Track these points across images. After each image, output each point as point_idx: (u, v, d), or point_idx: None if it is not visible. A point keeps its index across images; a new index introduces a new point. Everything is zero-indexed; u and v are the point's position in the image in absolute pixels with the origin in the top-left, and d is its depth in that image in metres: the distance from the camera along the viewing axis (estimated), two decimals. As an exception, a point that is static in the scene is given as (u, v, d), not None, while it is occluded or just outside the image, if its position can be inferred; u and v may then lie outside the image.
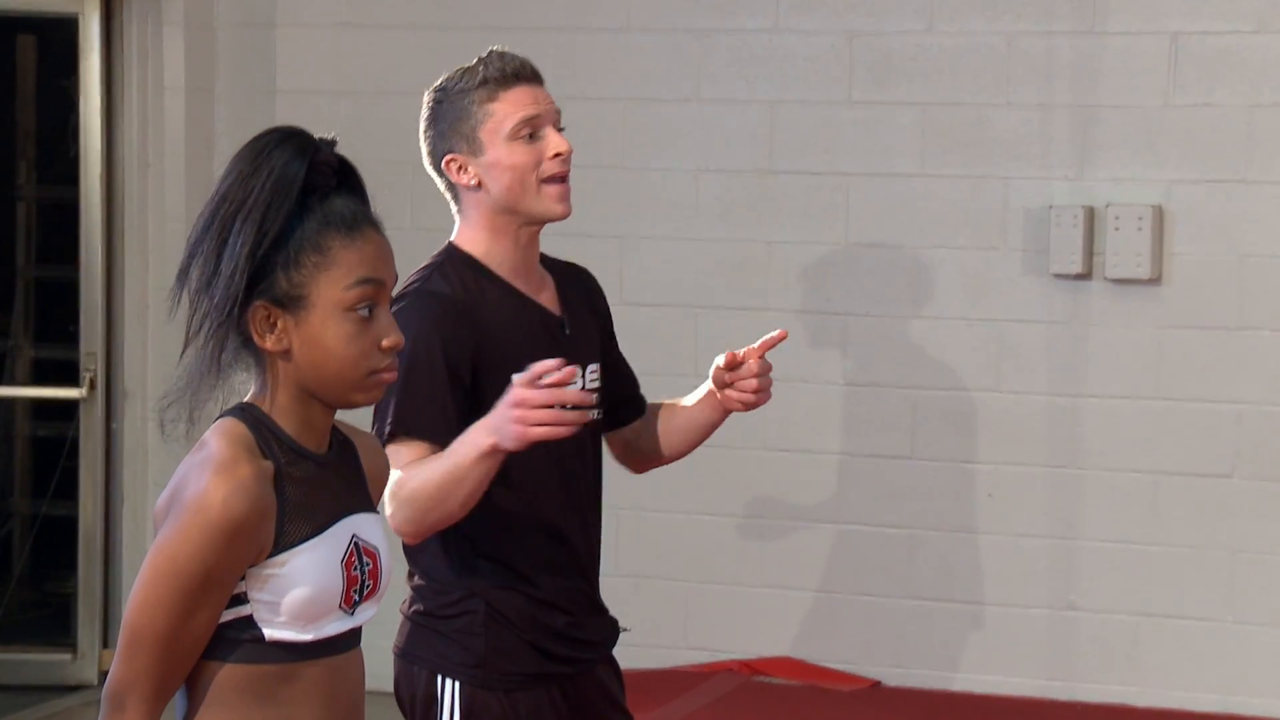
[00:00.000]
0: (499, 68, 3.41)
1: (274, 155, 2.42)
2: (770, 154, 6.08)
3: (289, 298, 2.43)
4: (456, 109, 3.39)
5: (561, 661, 3.47)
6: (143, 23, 6.35)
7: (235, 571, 2.38)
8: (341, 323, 2.44)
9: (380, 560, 2.52)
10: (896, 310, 5.99)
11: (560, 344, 3.45)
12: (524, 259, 3.47)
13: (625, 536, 6.17)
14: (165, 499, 2.41)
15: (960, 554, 5.97)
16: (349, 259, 2.44)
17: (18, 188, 7.78)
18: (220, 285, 2.40)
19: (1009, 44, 5.89)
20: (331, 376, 2.45)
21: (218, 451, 2.38)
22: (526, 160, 3.40)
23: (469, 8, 6.30)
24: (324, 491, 2.47)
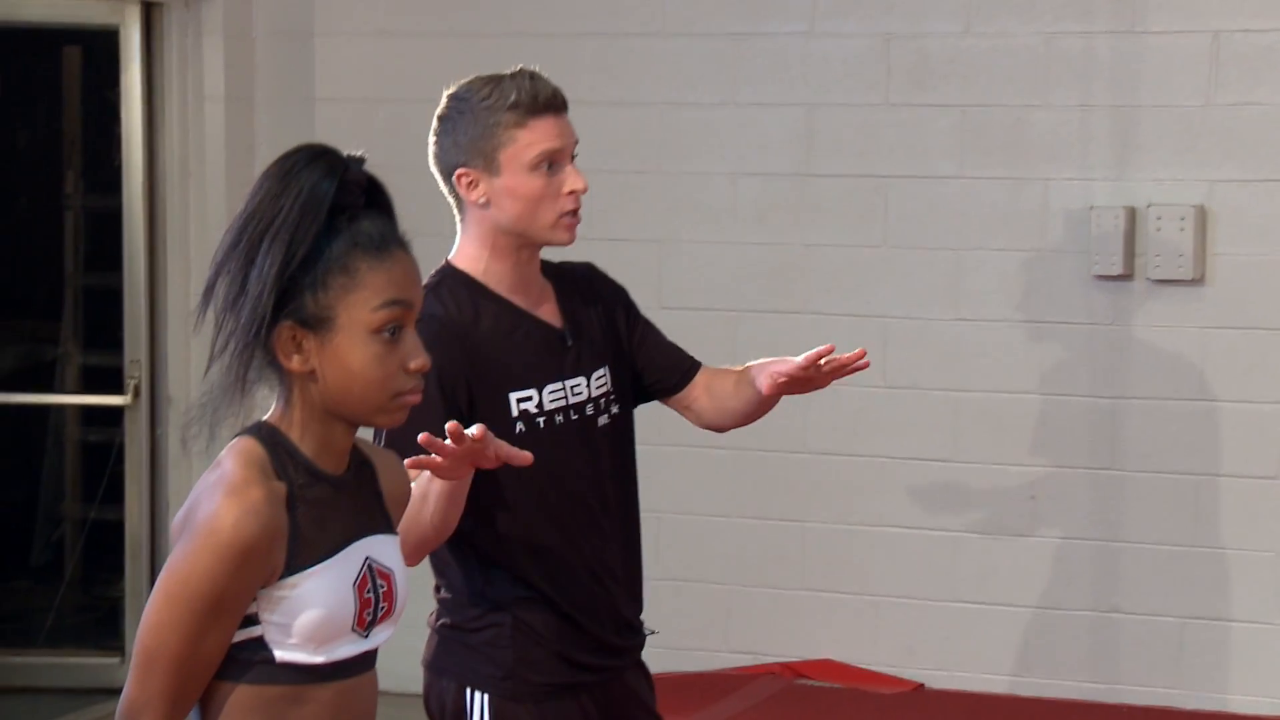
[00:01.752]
0: (531, 93, 3.36)
1: (303, 174, 2.41)
2: (808, 157, 6.07)
3: (316, 319, 2.42)
4: (479, 124, 3.36)
5: (590, 670, 3.47)
6: (182, 33, 6.38)
7: (247, 593, 2.38)
8: (368, 345, 2.43)
9: (395, 582, 2.51)
10: (936, 313, 5.98)
11: (562, 357, 3.45)
12: (524, 275, 3.45)
13: (667, 540, 6.18)
14: (181, 517, 2.42)
15: (1003, 556, 5.95)
16: (376, 281, 2.43)
17: (66, 197, 7.84)
18: (247, 305, 2.40)
19: (1047, 45, 5.87)
20: (356, 398, 2.45)
21: (231, 473, 2.39)
22: (543, 193, 3.37)
23: (505, 14, 6.31)
24: (338, 513, 2.47)
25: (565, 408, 3.44)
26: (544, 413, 3.41)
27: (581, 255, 6.25)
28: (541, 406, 3.41)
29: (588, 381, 3.48)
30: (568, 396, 3.45)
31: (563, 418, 3.43)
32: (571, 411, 3.45)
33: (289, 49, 6.51)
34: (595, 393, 3.49)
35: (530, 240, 3.41)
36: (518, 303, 3.44)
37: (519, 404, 3.39)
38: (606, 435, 3.51)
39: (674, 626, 6.22)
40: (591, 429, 3.49)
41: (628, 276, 6.14)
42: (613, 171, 6.19)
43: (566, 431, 3.43)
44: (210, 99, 6.38)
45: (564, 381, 3.45)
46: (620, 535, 3.56)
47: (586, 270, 3.67)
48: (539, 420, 3.40)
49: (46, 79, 7.97)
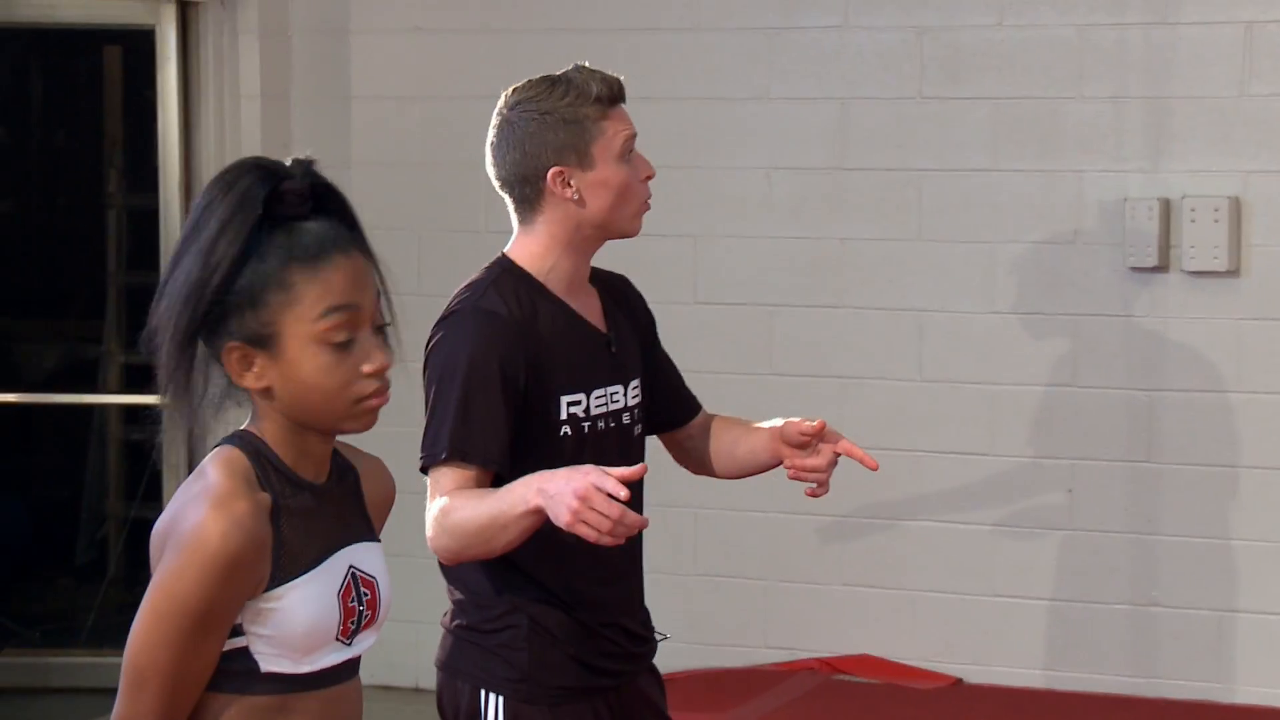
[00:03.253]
0: (607, 85, 3.43)
1: (238, 183, 2.38)
2: (842, 151, 6.06)
3: (261, 336, 2.39)
4: (570, 122, 3.37)
5: (604, 674, 3.47)
6: (218, 32, 6.41)
7: (235, 606, 2.37)
8: (316, 355, 2.40)
9: (379, 589, 2.51)
10: (971, 306, 5.96)
11: (608, 362, 3.47)
12: (583, 275, 3.49)
13: (704, 537, 6.19)
14: (162, 527, 2.40)
15: (1041, 550, 5.92)
16: (313, 291, 2.39)
17: (108, 195, 7.89)
18: (175, 322, 2.37)
19: (1081, 36, 5.84)
20: (317, 408, 2.42)
21: (216, 484, 2.37)
22: (630, 180, 3.44)
23: (540, 11, 6.32)
24: (321, 523, 2.46)
25: (606, 414, 3.46)
26: (589, 418, 3.42)
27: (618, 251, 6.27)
28: (588, 411, 3.42)
29: (625, 390, 3.50)
30: (608, 403, 3.46)
31: (604, 424, 3.45)
32: (611, 419, 3.47)
33: (324, 47, 6.54)
34: (631, 401, 3.51)
35: (611, 232, 3.46)
36: (571, 304, 3.46)
37: (568, 407, 3.40)
38: (637, 445, 3.53)
39: (711, 623, 6.23)
40: (629, 437, 3.51)
41: (663, 272, 6.19)
42: (646, 167, 6.20)
43: (606, 438, 3.44)
44: (246, 97, 6.42)
45: (607, 388, 3.47)
46: (635, 544, 3.55)
47: (624, 282, 3.69)
48: (584, 425, 3.41)
49: (88, 79, 8.03)
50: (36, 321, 8.01)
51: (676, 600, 6.25)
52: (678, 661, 6.16)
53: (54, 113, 8.28)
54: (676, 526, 6.20)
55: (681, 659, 6.17)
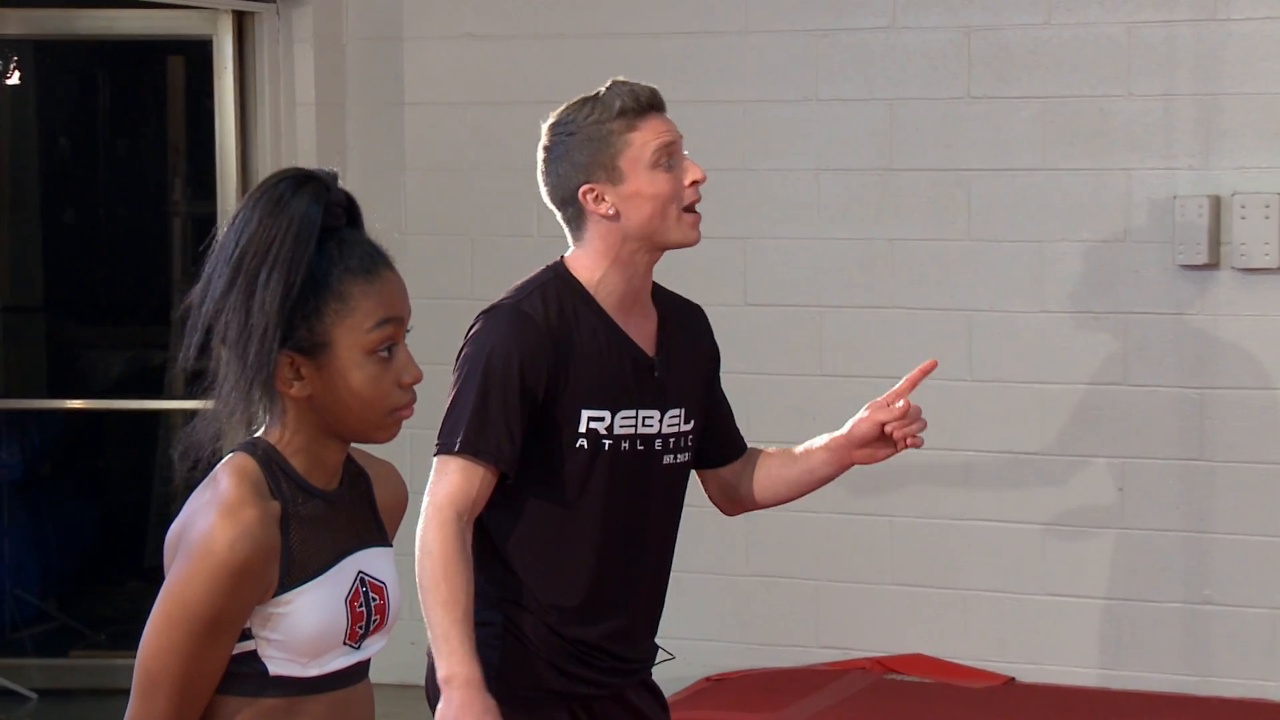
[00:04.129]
0: (633, 97, 3.42)
1: (292, 203, 2.42)
2: (890, 152, 6.07)
3: (311, 345, 2.44)
4: (593, 140, 3.39)
5: (583, 682, 3.45)
6: (274, 40, 6.49)
7: (243, 611, 2.41)
8: (364, 366, 2.45)
9: (388, 595, 2.54)
10: (1021, 305, 5.96)
11: (646, 385, 3.45)
12: (636, 291, 3.46)
13: (756, 537, 6.21)
14: (175, 534, 2.45)
15: (1092, 549, 5.91)
16: (368, 303, 2.45)
17: (172, 203, 7.99)
18: (255, 339, 2.41)
19: (1129, 34, 5.83)
20: (355, 418, 2.47)
21: (226, 492, 2.41)
22: (668, 189, 3.41)
23: (589, 16, 6.36)
24: (330, 529, 2.50)
25: (633, 436, 3.44)
26: (611, 436, 3.41)
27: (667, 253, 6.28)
28: (610, 430, 3.41)
29: (661, 416, 3.47)
30: (638, 426, 3.44)
31: (628, 445, 3.43)
32: (638, 441, 3.44)
33: (378, 54, 6.60)
34: (666, 430, 3.48)
35: (658, 243, 3.43)
36: (618, 320, 3.45)
37: (589, 421, 3.40)
38: (666, 475, 3.50)
39: (763, 623, 6.26)
40: (654, 464, 3.47)
41: (713, 274, 6.21)
42: (696, 170, 6.22)
43: (627, 460, 3.43)
44: (301, 105, 6.49)
45: (638, 410, 3.44)
46: (654, 575, 3.54)
47: (696, 313, 3.66)
48: (604, 442, 3.41)
49: (151, 90, 8.13)
50: (103, 328, 8.13)
51: (729, 601, 6.28)
52: (729, 662, 6.19)
53: (118, 123, 8.40)
54: (729, 527, 6.20)
55: (734, 659, 6.20)
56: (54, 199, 8.19)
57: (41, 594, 7.61)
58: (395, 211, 6.51)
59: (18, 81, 7.84)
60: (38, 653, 7.18)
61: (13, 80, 7.83)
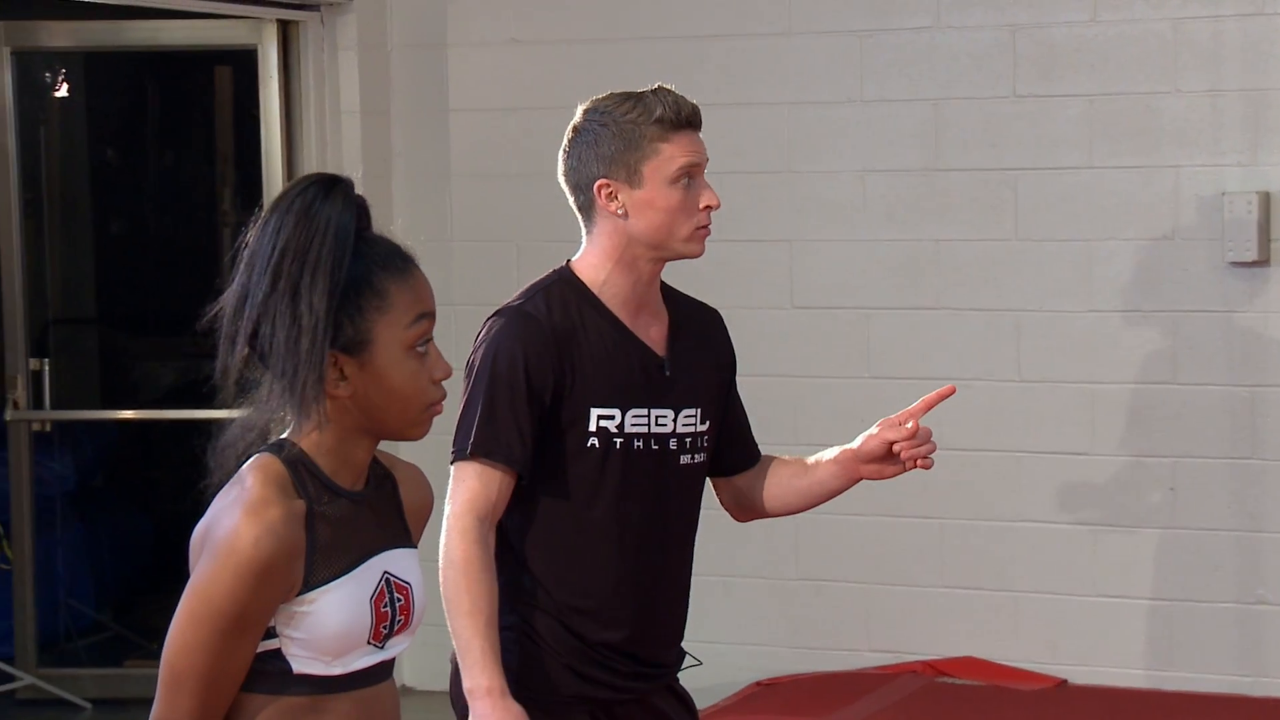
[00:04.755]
0: (675, 108, 3.41)
1: (325, 208, 2.45)
2: (936, 152, 6.04)
3: (354, 343, 2.47)
4: (624, 137, 3.38)
5: (601, 685, 3.43)
6: (319, 49, 6.51)
7: (268, 610, 2.42)
8: (405, 361, 2.48)
9: (413, 595, 2.55)
10: (1069, 304, 5.92)
11: (657, 384, 3.44)
12: (641, 293, 3.46)
13: (805, 541, 6.18)
14: (200, 533, 2.47)
15: (1143, 549, 5.87)
16: (405, 299, 2.49)
17: (221, 213, 8.01)
18: (305, 341, 2.43)
19: (1175, 30, 5.79)
20: (395, 415, 2.50)
21: (250, 491, 2.43)
22: (681, 205, 3.40)
23: (632, 20, 6.35)
24: (356, 529, 2.51)
25: (646, 435, 3.43)
26: (623, 435, 3.40)
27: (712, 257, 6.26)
28: (621, 428, 3.41)
29: (675, 415, 3.46)
30: (650, 425, 3.44)
31: (641, 444, 3.42)
32: (652, 440, 3.44)
33: (422, 61, 6.61)
34: (680, 429, 3.47)
35: (663, 252, 3.43)
36: (625, 320, 3.44)
37: (599, 420, 3.39)
38: (682, 475, 3.49)
39: (813, 627, 6.23)
40: (670, 464, 3.46)
41: (759, 277, 6.20)
42: (741, 172, 6.20)
43: (641, 459, 3.42)
44: (347, 113, 6.50)
45: (650, 409, 3.43)
46: (674, 576, 3.52)
47: (711, 316, 3.65)
48: (615, 441, 3.40)
49: (199, 99, 8.17)
50: (154, 339, 8.16)
51: (778, 605, 6.26)
52: (780, 666, 6.17)
53: (166, 134, 8.44)
54: (777, 531, 6.20)
55: (783, 663, 6.18)
56: (104, 211, 8.23)
57: (95, 604, 7.65)
58: (441, 218, 6.52)
59: (67, 94, 7.89)
60: (92, 662, 7.22)
61: (62, 92, 7.88)
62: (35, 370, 6.87)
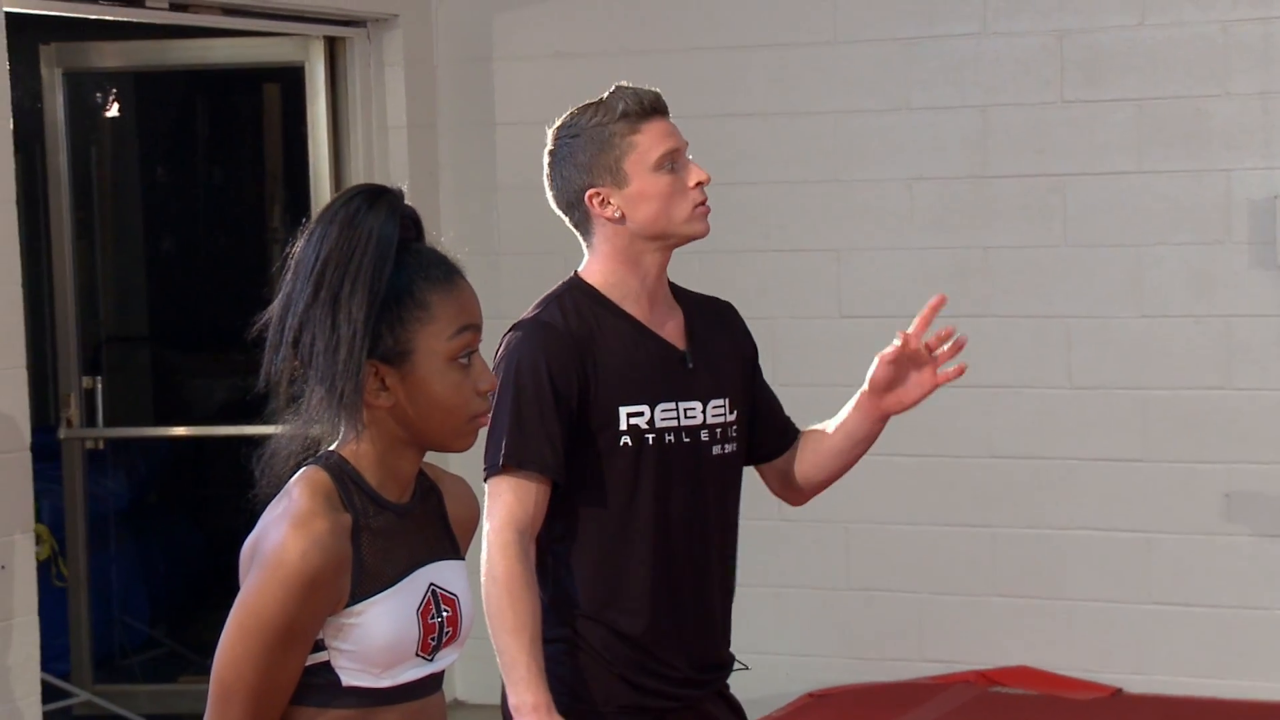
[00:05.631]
0: (637, 100, 3.43)
1: (368, 218, 2.45)
2: (984, 159, 6.02)
3: (395, 353, 2.47)
4: (597, 142, 3.41)
5: (654, 694, 3.42)
6: (365, 64, 6.53)
7: (316, 622, 2.42)
8: (447, 373, 2.48)
9: (460, 607, 2.55)
10: (1120, 310, 5.88)
11: (680, 377, 3.45)
12: (651, 289, 3.47)
13: (856, 551, 6.16)
14: (249, 547, 2.47)
15: (1198, 556, 5.83)
16: (449, 310, 2.49)
17: (270, 230, 8.03)
18: (342, 349, 2.44)
19: (1225, 32, 5.75)
20: (436, 426, 2.50)
21: (298, 504, 2.44)
22: (672, 188, 3.42)
23: (677, 30, 6.35)
24: (402, 541, 2.51)
25: (677, 429, 3.44)
26: (654, 430, 3.41)
27: (759, 267, 6.27)
28: (652, 424, 3.41)
29: (703, 407, 3.47)
30: (680, 418, 3.44)
31: (673, 438, 3.43)
32: (684, 434, 3.44)
33: (468, 75, 6.62)
34: (711, 420, 3.48)
35: (667, 240, 3.45)
36: (640, 319, 3.46)
37: (628, 418, 3.40)
38: (717, 466, 3.49)
39: (865, 637, 6.20)
40: (703, 455, 3.47)
41: (807, 286, 6.18)
42: (789, 182, 6.20)
43: (675, 453, 3.43)
44: (394, 128, 6.52)
45: (678, 403, 3.44)
46: (718, 572, 3.51)
47: (725, 307, 3.67)
48: (648, 437, 3.40)
49: (248, 117, 8.20)
50: (205, 356, 8.18)
51: (830, 615, 6.23)
52: (832, 677, 6.15)
53: (216, 151, 8.47)
54: (828, 542, 6.19)
55: (836, 674, 6.16)
56: (155, 229, 8.27)
57: (150, 620, 7.68)
58: (488, 231, 6.53)
59: (117, 113, 7.93)
60: (146, 679, 7.25)
61: (113, 112, 7.92)
62: (88, 388, 6.91)
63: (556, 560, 3.41)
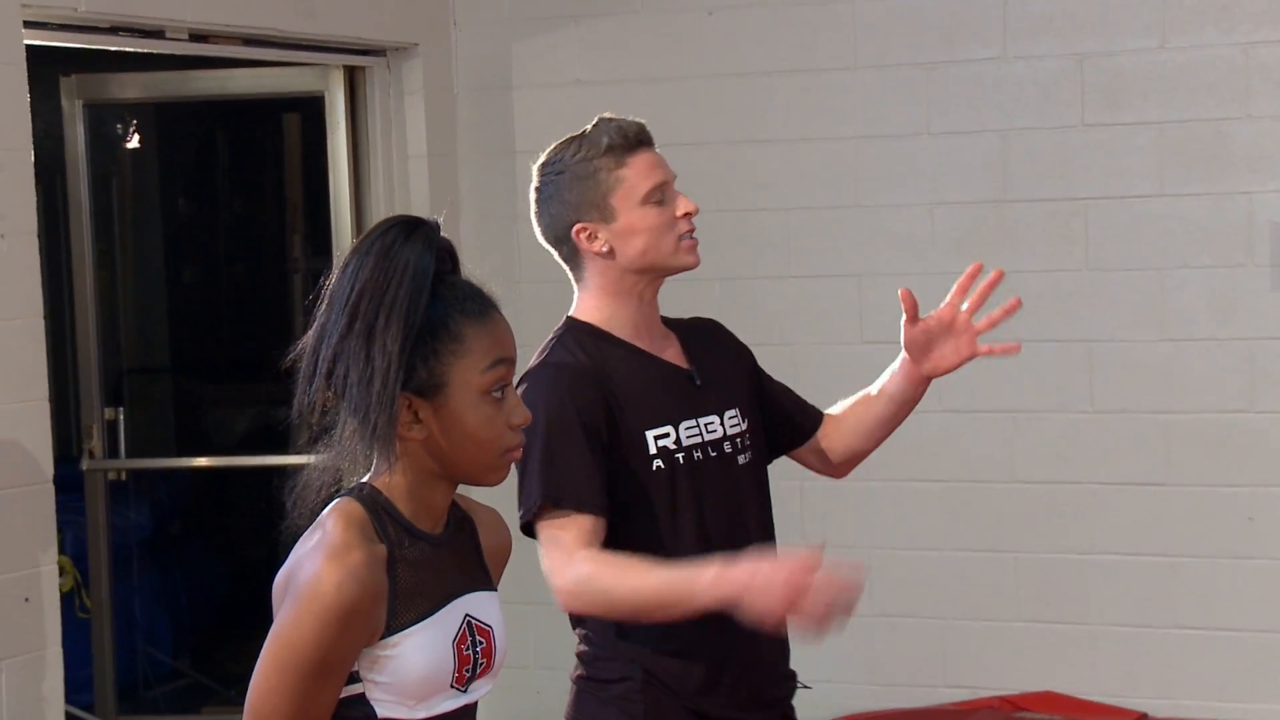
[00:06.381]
0: (621, 134, 3.44)
1: (404, 249, 2.45)
2: (1004, 183, 6.01)
3: (429, 386, 2.47)
4: (583, 178, 3.42)
5: None
6: (385, 94, 6.54)
7: (352, 654, 2.42)
8: (480, 406, 2.48)
9: (494, 638, 2.55)
10: (1142, 334, 5.87)
11: (691, 395, 3.47)
12: (646, 319, 3.50)
13: (878, 576, 6.14)
14: (282, 579, 2.48)
15: (1223, 580, 5.80)
16: (483, 343, 2.49)
17: (291, 260, 8.05)
18: (377, 380, 2.43)
19: (1246, 55, 5.74)
20: (469, 459, 2.50)
21: (332, 535, 2.43)
22: (661, 222, 3.43)
23: (695, 58, 6.35)
24: (437, 573, 2.51)
25: (702, 444, 3.46)
26: (682, 449, 3.42)
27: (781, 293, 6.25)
28: (679, 443, 3.42)
29: (721, 419, 3.50)
30: (702, 433, 3.46)
31: (701, 454, 3.45)
32: (710, 448, 3.47)
33: (488, 103, 6.63)
34: (730, 430, 3.50)
35: (658, 271, 3.47)
36: (643, 346, 3.48)
37: (656, 441, 3.41)
38: (747, 474, 3.52)
39: (888, 663, 6.18)
40: (732, 466, 3.49)
41: (828, 311, 6.17)
42: (809, 208, 6.20)
43: (707, 468, 3.44)
44: (414, 156, 6.53)
45: (697, 419, 3.46)
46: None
47: (712, 324, 3.71)
48: (678, 456, 3.42)
49: (268, 147, 8.21)
50: (227, 386, 8.20)
51: (852, 641, 6.19)
52: (856, 703, 6.12)
53: (236, 182, 8.49)
54: (852, 567, 6.16)
55: (860, 700, 6.13)
56: (176, 259, 8.29)
57: (173, 651, 7.68)
58: (508, 259, 6.53)
59: (138, 144, 7.95)
60: (170, 709, 7.25)
61: (133, 143, 7.94)
62: (110, 420, 6.91)
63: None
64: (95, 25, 5.55)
